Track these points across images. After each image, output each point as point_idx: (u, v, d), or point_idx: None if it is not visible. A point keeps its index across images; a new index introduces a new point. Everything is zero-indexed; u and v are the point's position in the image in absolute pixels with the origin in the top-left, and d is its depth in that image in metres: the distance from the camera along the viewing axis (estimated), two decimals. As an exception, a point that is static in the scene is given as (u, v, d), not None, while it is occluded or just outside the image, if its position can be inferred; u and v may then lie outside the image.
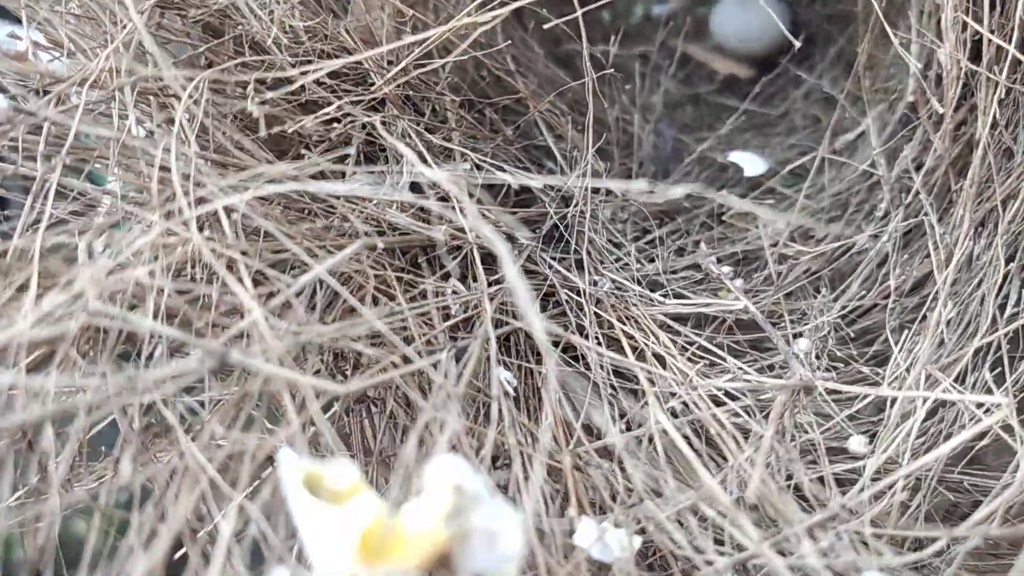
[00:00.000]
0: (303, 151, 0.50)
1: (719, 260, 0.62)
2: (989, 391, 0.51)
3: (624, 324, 0.51)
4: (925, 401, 0.43)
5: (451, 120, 0.62)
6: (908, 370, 0.48)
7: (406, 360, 0.40)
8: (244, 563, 0.31)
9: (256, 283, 0.39)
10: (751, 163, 0.69)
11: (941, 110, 0.58)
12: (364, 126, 0.48)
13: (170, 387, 0.32)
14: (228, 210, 0.38)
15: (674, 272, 0.63)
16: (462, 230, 0.49)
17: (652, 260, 0.63)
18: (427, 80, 0.61)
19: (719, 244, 0.65)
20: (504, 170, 0.47)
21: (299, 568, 0.28)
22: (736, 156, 0.70)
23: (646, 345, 0.48)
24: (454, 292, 0.50)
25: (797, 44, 0.61)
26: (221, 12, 0.50)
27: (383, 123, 0.52)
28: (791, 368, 0.47)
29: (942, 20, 0.60)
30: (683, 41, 0.84)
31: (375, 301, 0.44)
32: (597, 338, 0.48)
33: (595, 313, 0.51)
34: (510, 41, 0.67)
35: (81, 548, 0.37)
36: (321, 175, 0.48)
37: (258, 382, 0.33)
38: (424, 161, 0.53)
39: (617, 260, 0.62)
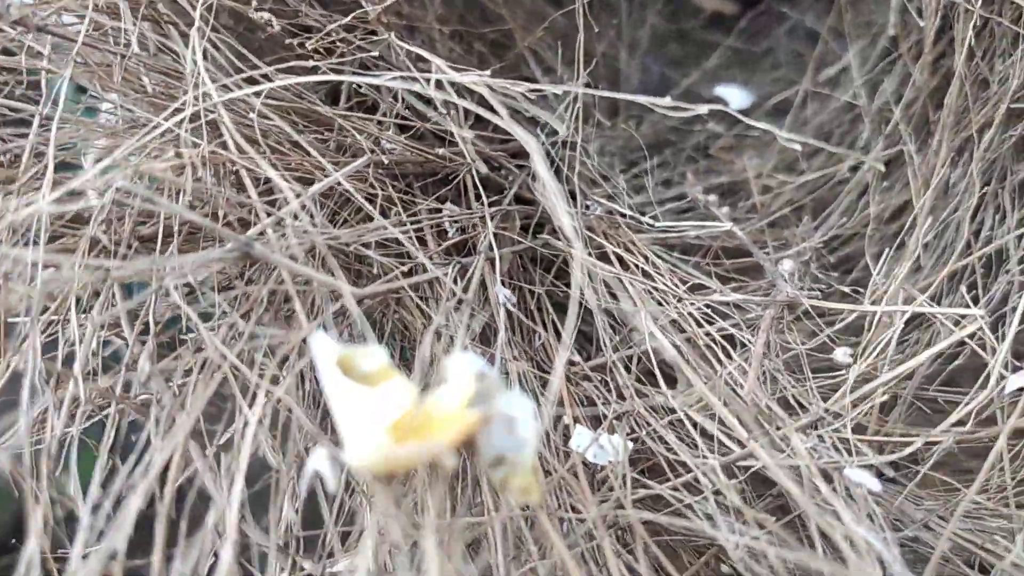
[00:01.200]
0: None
1: (706, 191, 0.63)
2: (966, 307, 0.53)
3: (616, 247, 0.53)
4: (903, 315, 0.45)
5: (441, 52, 0.63)
6: (887, 290, 0.50)
7: (410, 272, 0.42)
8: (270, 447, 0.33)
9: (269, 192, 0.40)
10: (736, 96, 0.71)
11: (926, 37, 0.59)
12: (361, 49, 0.49)
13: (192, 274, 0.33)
14: (246, 107, 0.39)
15: (661, 203, 0.65)
16: (459, 153, 0.51)
17: (640, 191, 0.65)
18: (416, 10, 0.62)
19: (705, 176, 0.67)
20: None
21: (334, 448, 0.29)
22: (721, 90, 0.71)
23: (635, 266, 0.50)
24: (449, 213, 0.51)
25: None
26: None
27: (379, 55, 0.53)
28: (777, 288, 0.49)
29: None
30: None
31: (373, 213, 0.45)
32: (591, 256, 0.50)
33: (587, 237, 0.53)
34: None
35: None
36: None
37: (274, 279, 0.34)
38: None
39: (606, 193, 0.64)
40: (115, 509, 0.32)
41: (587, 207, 0.54)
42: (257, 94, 0.38)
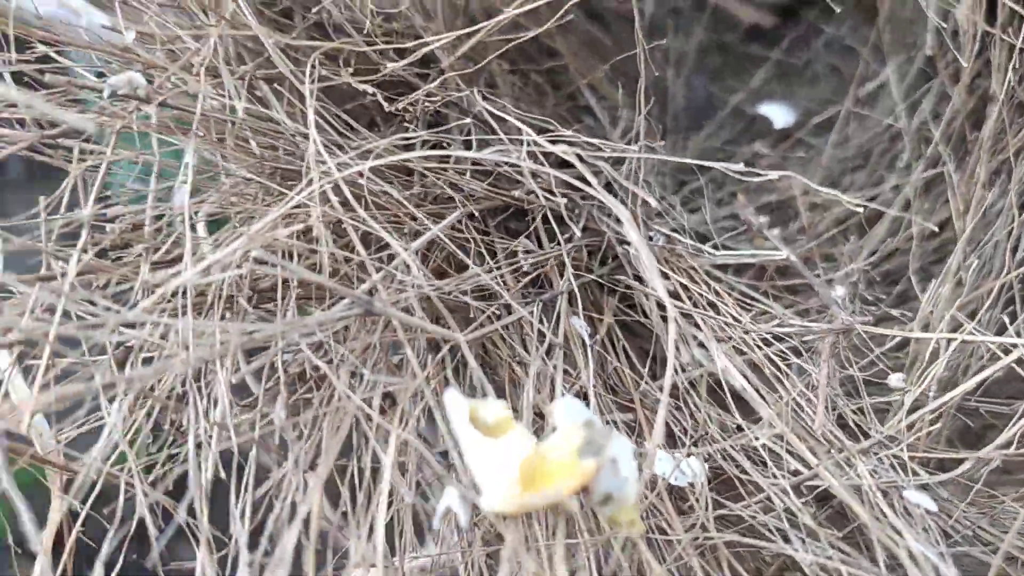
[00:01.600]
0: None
1: (756, 210, 0.67)
2: (1004, 327, 0.57)
3: (678, 275, 0.57)
4: (950, 342, 0.50)
5: (502, 86, 0.67)
6: (933, 313, 0.55)
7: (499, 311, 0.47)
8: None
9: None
10: (780, 114, 0.74)
11: (964, 64, 0.63)
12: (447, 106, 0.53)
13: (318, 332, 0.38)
14: (353, 180, 0.44)
15: (715, 222, 0.69)
16: (532, 192, 0.55)
17: (694, 211, 0.69)
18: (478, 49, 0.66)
19: (756, 195, 0.71)
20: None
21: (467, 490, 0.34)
22: (765, 108, 0.75)
23: (700, 295, 0.54)
24: (527, 251, 0.56)
25: None
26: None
27: (451, 101, 0.57)
28: (832, 312, 0.53)
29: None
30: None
31: (467, 262, 0.50)
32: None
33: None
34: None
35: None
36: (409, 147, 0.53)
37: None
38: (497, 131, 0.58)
39: (660, 214, 0.68)
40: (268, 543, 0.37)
41: (650, 238, 0.59)
42: (370, 163, 0.43)
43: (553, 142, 0.46)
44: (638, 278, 0.59)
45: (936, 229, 0.62)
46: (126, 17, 0.53)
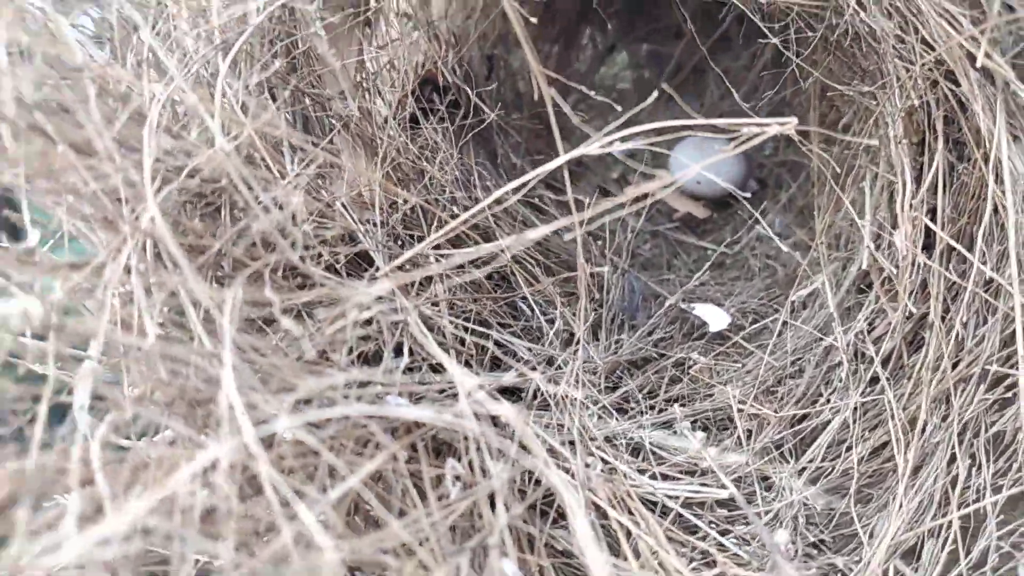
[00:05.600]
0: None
1: (692, 422, 0.65)
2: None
3: (615, 508, 0.54)
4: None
5: (438, 283, 0.65)
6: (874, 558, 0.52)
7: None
8: None
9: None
10: (715, 318, 0.73)
11: (900, 292, 0.63)
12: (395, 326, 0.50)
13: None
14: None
15: (648, 427, 0.66)
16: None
17: (625, 412, 0.67)
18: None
19: (688, 401, 0.69)
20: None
21: None
22: (701, 310, 0.73)
23: (639, 537, 0.51)
24: (456, 476, 0.52)
25: (746, 195, 0.65)
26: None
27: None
28: (775, 561, 0.50)
29: (896, 205, 0.65)
30: (643, 179, 0.88)
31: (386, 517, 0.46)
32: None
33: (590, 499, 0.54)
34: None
35: None
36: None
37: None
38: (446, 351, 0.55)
39: (596, 418, 0.65)
40: None
41: (587, 464, 0.56)
42: (286, 425, 0.39)
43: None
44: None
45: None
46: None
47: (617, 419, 0.66)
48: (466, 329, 0.63)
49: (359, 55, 0.71)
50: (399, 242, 0.66)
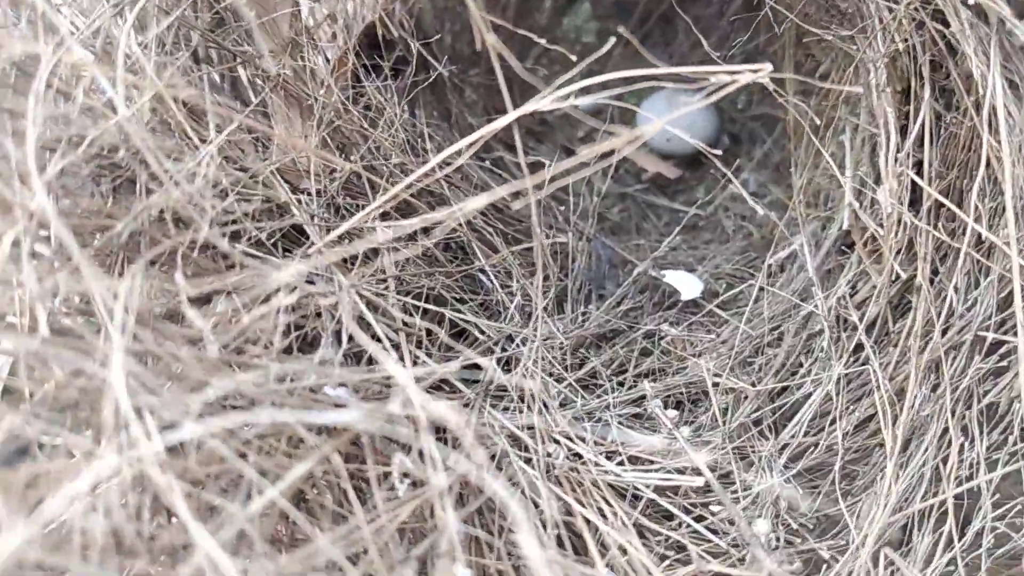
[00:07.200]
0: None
1: (664, 401, 0.61)
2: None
3: (580, 500, 0.49)
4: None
5: (385, 258, 0.59)
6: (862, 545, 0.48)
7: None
8: None
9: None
10: (687, 285, 0.68)
11: (898, 273, 0.58)
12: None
13: None
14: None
15: (617, 405, 0.62)
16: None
17: (592, 390, 0.62)
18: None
19: (660, 375, 0.64)
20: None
21: None
22: (672, 277, 0.68)
23: (607, 532, 0.46)
24: (404, 474, 0.47)
25: (718, 152, 0.60)
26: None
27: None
28: (755, 558, 0.46)
29: (880, 159, 0.60)
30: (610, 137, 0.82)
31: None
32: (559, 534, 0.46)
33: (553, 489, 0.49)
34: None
35: None
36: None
37: None
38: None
39: (561, 398, 0.60)
40: None
41: (549, 454, 0.51)
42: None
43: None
44: (535, 504, 0.51)
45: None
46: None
47: (584, 398, 0.61)
48: (416, 308, 0.58)
49: (294, 6, 0.65)
50: (341, 213, 0.60)
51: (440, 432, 0.47)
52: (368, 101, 0.67)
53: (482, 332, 0.59)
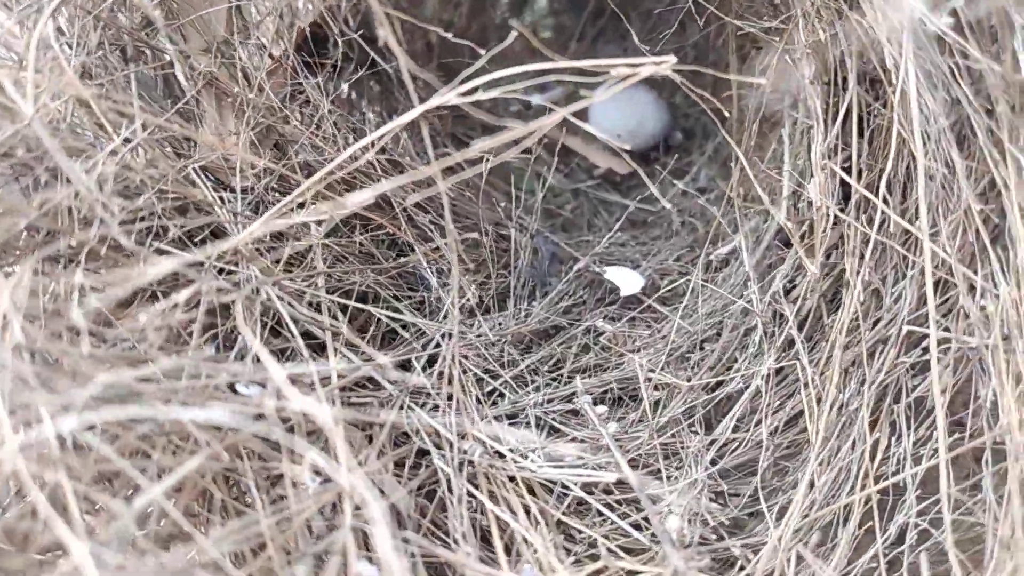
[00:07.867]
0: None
1: (595, 400, 0.60)
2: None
3: (497, 487, 0.49)
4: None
5: (317, 251, 0.59)
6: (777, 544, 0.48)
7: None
8: None
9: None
10: (627, 281, 0.68)
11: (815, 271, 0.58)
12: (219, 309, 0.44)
13: None
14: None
15: (550, 401, 0.61)
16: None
17: (527, 385, 0.62)
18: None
19: (595, 371, 0.64)
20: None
21: None
22: (612, 273, 0.68)
23: (520, 533, 0.46)
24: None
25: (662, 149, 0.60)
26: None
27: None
28: (664, 547, 0.45)
29: (812, 152, 0.60)
30: (563, 133, 0.82)
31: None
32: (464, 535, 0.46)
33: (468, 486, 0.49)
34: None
35: None
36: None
37: None
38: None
39: (492, 392, 0.60)
40: None
41: (464, 451, 0.51)
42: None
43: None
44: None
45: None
46: None
47: (515, 395, 0.61)
48: (343, 308, 0.58)
49: (230, 3, 0.65)
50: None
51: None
52: (307, 98, 0.67)
53: (404, 328, 0.59)
